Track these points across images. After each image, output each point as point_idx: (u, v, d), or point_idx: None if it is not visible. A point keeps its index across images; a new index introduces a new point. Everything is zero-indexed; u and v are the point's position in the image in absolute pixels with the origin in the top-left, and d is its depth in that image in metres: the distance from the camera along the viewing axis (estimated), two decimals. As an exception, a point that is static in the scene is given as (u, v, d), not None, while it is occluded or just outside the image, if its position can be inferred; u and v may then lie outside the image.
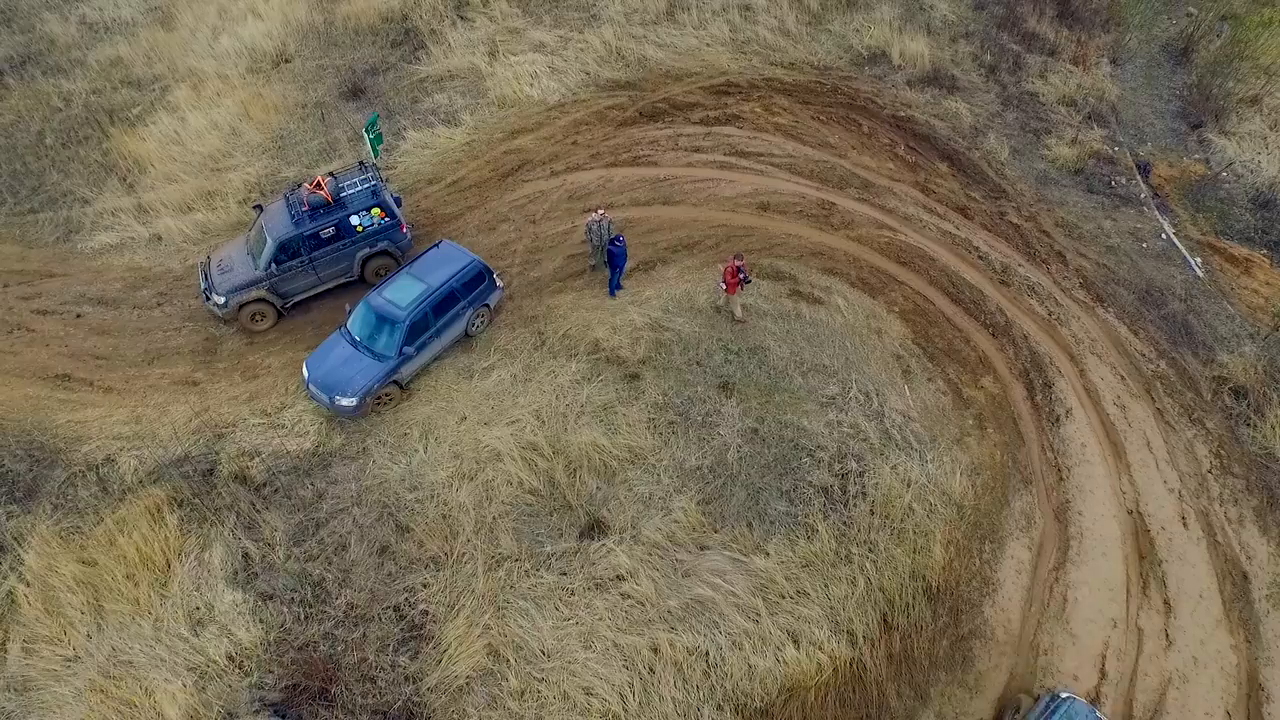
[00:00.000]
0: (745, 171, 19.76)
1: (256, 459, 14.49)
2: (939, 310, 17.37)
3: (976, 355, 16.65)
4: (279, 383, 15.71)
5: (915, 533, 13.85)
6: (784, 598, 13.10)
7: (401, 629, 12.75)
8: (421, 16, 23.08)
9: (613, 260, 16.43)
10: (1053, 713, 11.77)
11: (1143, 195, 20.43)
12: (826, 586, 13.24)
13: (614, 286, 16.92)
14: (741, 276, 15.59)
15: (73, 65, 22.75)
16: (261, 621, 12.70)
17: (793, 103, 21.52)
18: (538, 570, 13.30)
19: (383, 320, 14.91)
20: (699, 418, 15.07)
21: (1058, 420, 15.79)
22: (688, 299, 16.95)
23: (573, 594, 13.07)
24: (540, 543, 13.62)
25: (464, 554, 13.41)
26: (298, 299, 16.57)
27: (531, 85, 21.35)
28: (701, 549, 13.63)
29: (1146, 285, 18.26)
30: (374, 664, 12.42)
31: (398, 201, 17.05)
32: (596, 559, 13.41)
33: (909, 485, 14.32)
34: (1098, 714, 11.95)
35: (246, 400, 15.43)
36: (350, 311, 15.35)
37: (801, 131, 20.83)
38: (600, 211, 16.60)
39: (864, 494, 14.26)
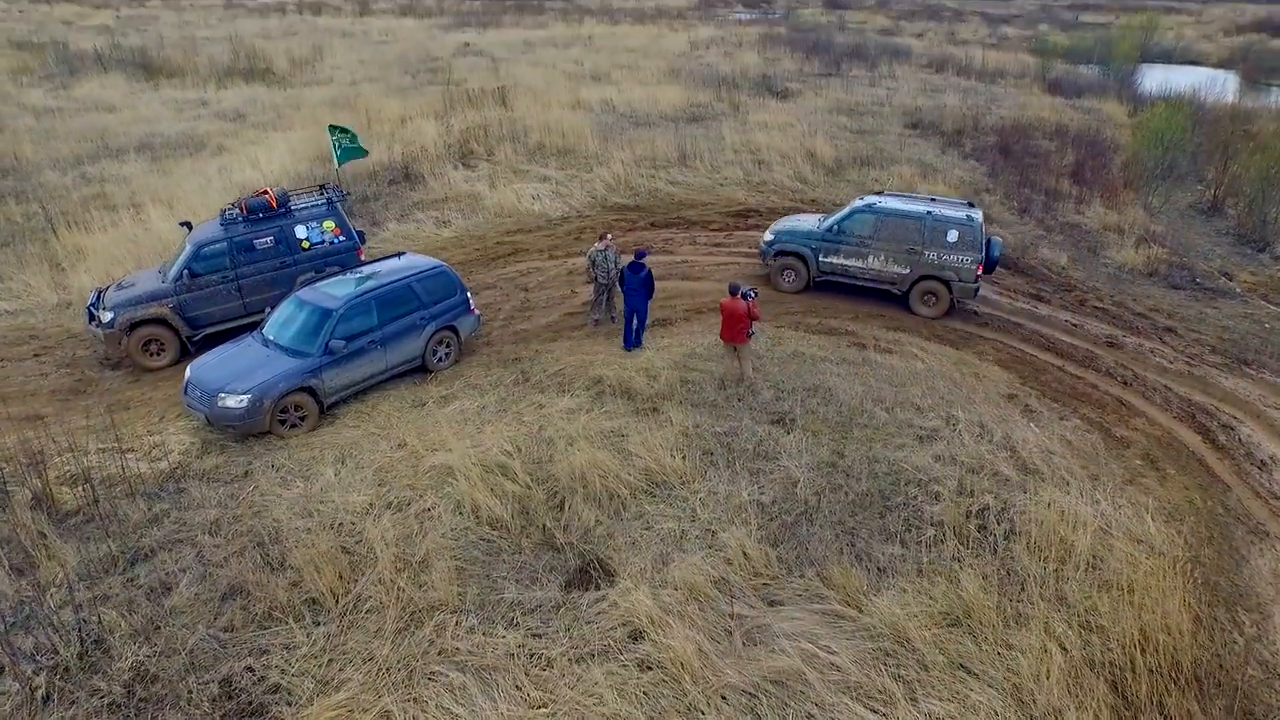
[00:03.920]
0: (774, 258, 17.10)
1: (82, 486, 9.45)
2: (1045, 362, 13.42)
3: (1112, 399, 12.32)
4: (155, 412, 11.19)
5: (1125, 586, 8.38)
6: (929, 671, 7.30)
7: (224, 715, 6.78)
8: (425, 164, 22.42)
9: (630, 296, 12.61)
10: None
11: (1238, 290, 17.57)
12: (1000, 656, 7.49)
13: (632, 336, 12.91)
14: (754, 296, 11.54)
15: (52, 198, 21.44)
16: (-35, 701, 6.81)
17: (817, 221, 19.72)
18: (491, 626, 7.64)
19: (311, 313, 10.93)
20: (748, 446, 10.34)
21: (1264, 465, 10.95)
22: (719, 345, 13.04)
23: (549, 664, 7.29)
24: (498, 588, 8.10)
25: (367, 598, 7.85)
26: (210, 329, 12.66)
27: (534, 202, 19.79)
28: (771, 604, 8.09)
29: (1293, 354, 14.53)
30: (151, 777, 6.30)
31: (361, 236, 14.06)
32: (594, 615, 7.82)
33: (1080, 526, 9.13)
34: None
35: (100, 431, 10.75)
36: (269, 312, 11.44)
37: (832, 236, 18.65)
38: (607, 239, 13.57)
39: (1015, 533, 9.03)
